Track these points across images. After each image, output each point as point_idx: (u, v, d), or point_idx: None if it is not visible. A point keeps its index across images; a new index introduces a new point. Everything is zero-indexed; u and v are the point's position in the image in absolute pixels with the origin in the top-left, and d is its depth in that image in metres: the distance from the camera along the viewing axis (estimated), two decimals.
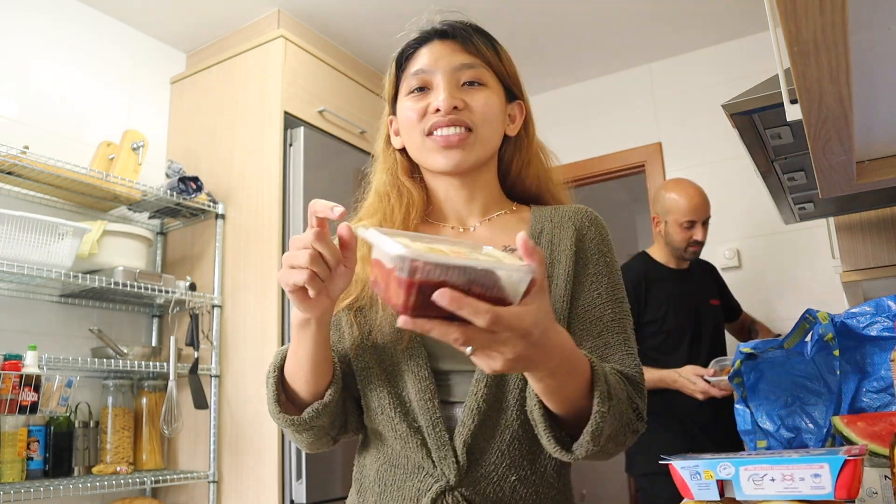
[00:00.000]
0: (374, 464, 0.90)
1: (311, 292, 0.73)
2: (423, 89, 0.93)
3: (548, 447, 0.78)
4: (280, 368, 0.86)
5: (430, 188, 0.98)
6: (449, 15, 0.97)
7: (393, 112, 0.99)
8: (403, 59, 0.97)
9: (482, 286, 0.57)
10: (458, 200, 0.96)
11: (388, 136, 1.00)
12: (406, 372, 0.86)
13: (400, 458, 0.87)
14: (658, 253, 2.33)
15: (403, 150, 0.99)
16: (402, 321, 0.56)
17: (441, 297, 0.54)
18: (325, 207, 0.71)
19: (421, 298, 0.55)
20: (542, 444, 0.78)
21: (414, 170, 0.99)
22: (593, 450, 0.75)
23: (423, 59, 0.94)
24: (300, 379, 0.84)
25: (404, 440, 0.85)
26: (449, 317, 0.57)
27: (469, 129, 0.90)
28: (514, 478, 0.84)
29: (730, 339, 2.47)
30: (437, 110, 0.89)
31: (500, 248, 0.85)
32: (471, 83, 0.92)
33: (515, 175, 1.02)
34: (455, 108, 0.89)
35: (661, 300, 2.21)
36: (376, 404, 0.88)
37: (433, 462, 0.83)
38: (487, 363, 0.62)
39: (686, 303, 2.22)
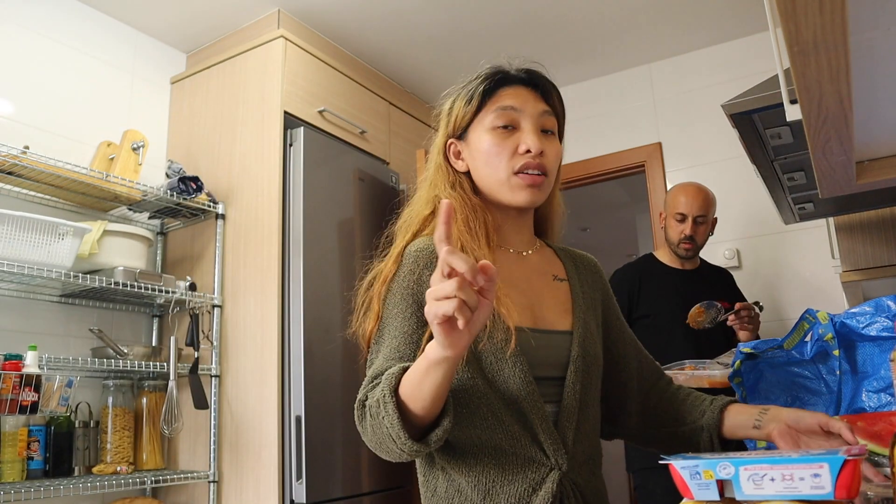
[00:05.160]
0: (471, 471, 0.94)
1: (460, 322, 0.70)
2: (507, 127, 1.02)
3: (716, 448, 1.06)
4: (395, 392, 0.84)
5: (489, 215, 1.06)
6: (528, 64, 1.08)
7: (456, 137, 1.08)
8: (484, 94, 1.04)
9: None
10: (513, 230, 1.08)
11: (447, 157, 1.08)
12: (510, 379, 0.93)
13: (507, 457, 0.93)
14: (663, 254, 2.38)
15: (466, 174, 1.07)
16: None
17: None
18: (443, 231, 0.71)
19: None
20: (710, 447, 1.07)
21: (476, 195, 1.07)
22: None
23: (511, 98, 1.03)
24: (417, 407, 0.83)
25: (515, 438, 0.93)
26: None
27: (544, 174, 1.01)
28: (592, 464, 1.00)
29: None
30: (528, 151, 1.00)
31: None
32: (546, 131, 1.04)
33: (543, 211, 1.15)
34: (541, 152, 1.01)
35: (654, 294, 2.26)
36: (485, 411, 0.93)
37: (545, 453, 0.93)
38: None
39: (685, 299, 2.22)
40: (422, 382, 0.81)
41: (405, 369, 0.85)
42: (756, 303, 2.21)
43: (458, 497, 0.94)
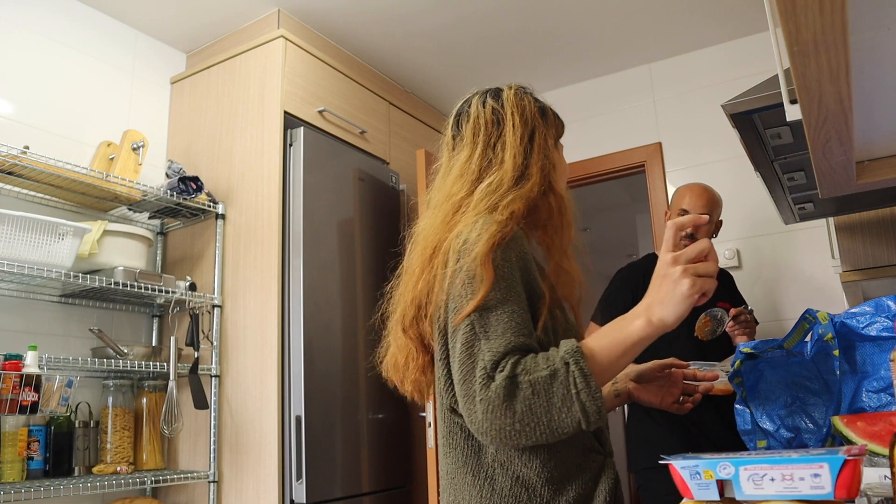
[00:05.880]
0: (544, 466, 0.94)
1: (708, 298, 0.84)
2: None
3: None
4: (581, 360, 0.85)
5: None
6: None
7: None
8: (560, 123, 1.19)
9: None
10: None
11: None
12: None
13: (570, 449, 0.96)
14: None
15: None
16: None
17: None
18: (694, 220, 0.89)
19: None
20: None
21: None
22: None
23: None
24: (603, 382, 0.86)
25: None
26: None
27: None
28: None
29: None
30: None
31: None
32: None
33: None
34: None
35: None
36: None
37: (601, 442, 1.00)
38: None
39: None
40: (620, 360, 0.87)
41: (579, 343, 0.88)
42: (745, 306, 2.22)
43: (525, 493, 0.93)
